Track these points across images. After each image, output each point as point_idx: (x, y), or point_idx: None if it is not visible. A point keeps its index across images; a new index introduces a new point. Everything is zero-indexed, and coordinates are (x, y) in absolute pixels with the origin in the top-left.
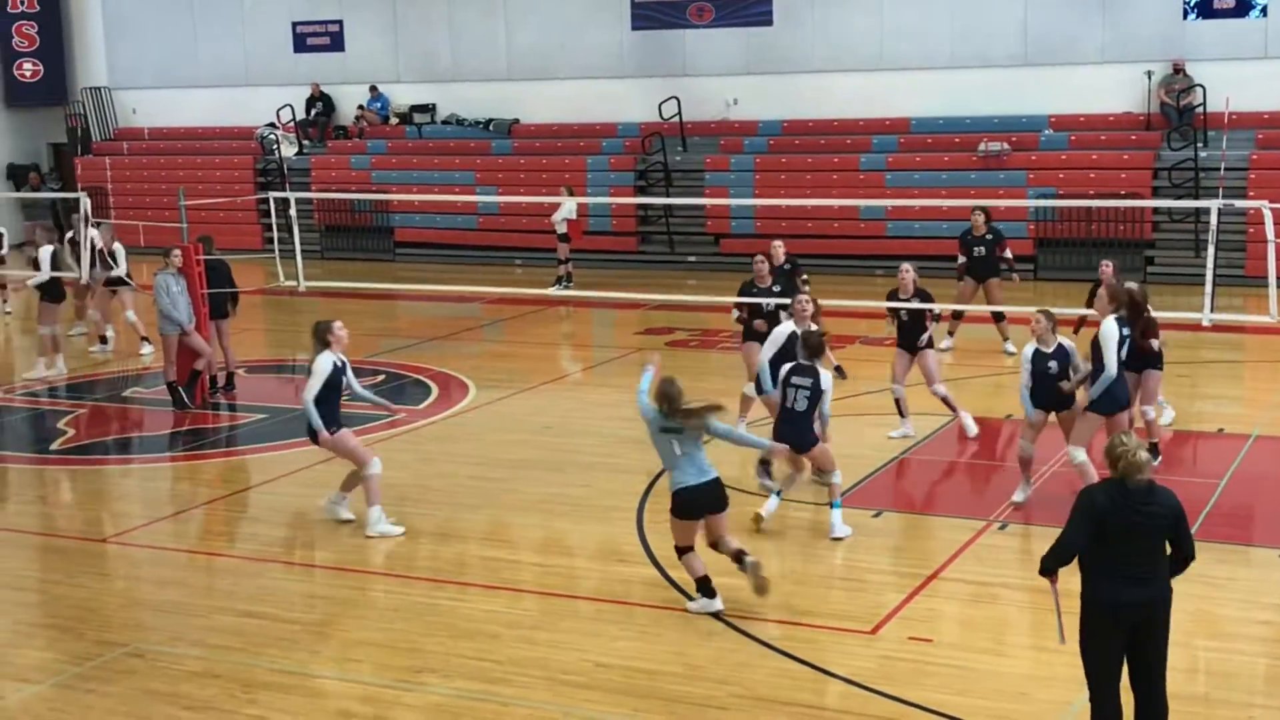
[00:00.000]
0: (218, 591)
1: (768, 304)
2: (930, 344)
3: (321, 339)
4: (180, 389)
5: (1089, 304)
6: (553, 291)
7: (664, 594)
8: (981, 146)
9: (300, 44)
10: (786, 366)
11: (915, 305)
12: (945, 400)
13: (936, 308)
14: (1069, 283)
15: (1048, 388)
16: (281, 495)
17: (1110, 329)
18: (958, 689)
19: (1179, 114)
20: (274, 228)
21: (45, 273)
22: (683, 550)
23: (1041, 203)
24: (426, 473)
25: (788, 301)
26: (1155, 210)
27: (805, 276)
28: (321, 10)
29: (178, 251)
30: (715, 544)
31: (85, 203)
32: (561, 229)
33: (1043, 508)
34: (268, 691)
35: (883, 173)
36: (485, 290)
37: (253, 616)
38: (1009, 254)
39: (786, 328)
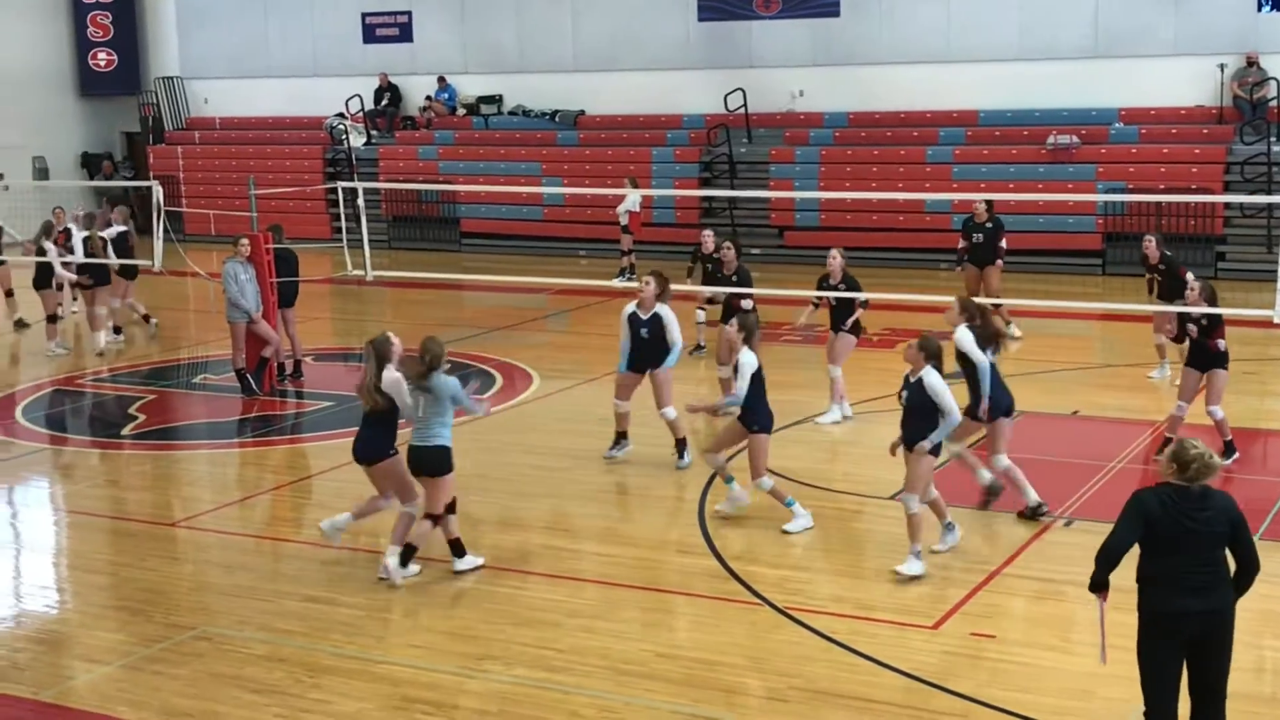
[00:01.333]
0: (284, 576)
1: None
2: (855, 329)
3: (385, 356)
4: (248, 376)
5: (1149, 292)
6: (616, 283)
7: (725, 586)
8: (1050, 139)
9: (369, 35)
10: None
11: (843, 294)
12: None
13: (862, 296)
14: (1137, 278)
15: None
16: (347, 482)
17: (961, 335)
18: (1020, 685)
19: (1252, 107)
20: (342, 217)
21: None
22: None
23: (1111, 197)
24: (489, 462)
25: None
26: (1227, 205)
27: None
28: (391, 1)
29: (246, 240)
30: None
31: (158, 191)
32: (624, 220)
33: (1112, 504)
34: (332, 676)
35: (949, 165)
36: (549, 281)
37: (318, 602)
38: (1003, 244)
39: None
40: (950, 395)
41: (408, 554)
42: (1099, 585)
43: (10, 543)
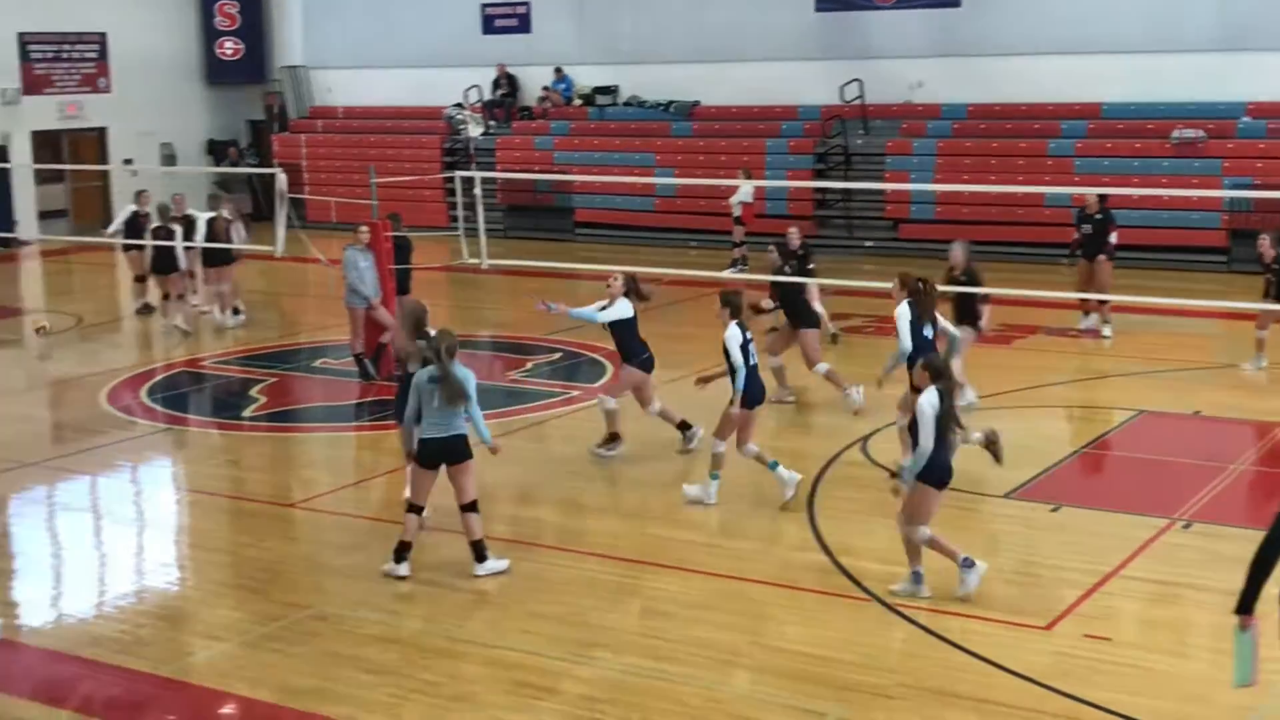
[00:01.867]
0: None
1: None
2: (974, 323)
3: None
4: (366, 361)
5: (1265, 295)
6: (727, 274)
7: (834, 580)
8: (1175, 133)
9: (488, 26)
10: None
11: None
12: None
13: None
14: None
15: None
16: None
17: (900, 311)
18: (1135, 689)
19: None
20: (459, 206)
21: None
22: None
23: (1237, 193)
24: (583, 451)
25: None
26: None
27: (813, 265)
28: None
29: (366, 228)
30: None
31: (281, 178)
32: (736, 212)
33: (1234, 508)
34: (444, 658)
35: (1071, 159)
36: (661, 271)
37: (432, 585)
38: (1113, 239)
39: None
40: None
41: (478, 551)
42: (1246, 607)
43: (133, 520)
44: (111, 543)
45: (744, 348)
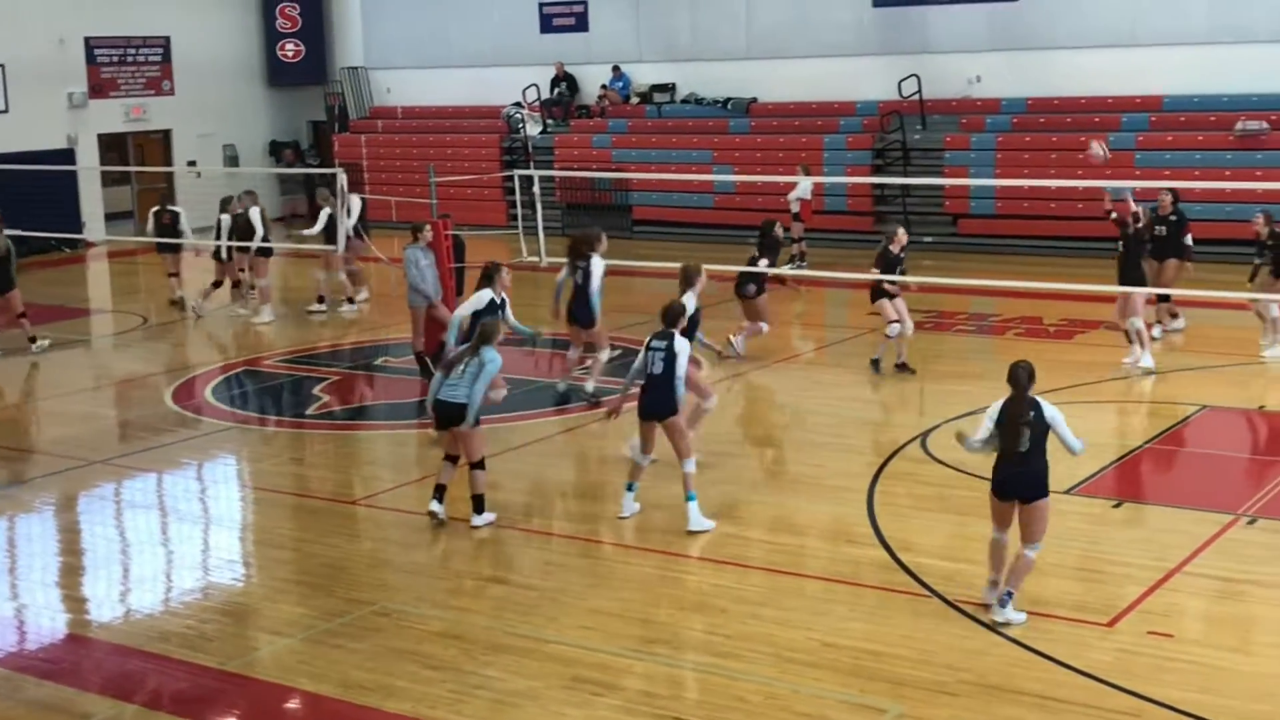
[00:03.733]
0: (460, 555)
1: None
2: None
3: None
4: (427, 359)
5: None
6: (787, 270)
7: (893, 576)
8: (1239, 125)
9: (546, 24)
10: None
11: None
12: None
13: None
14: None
15: None
16: (521, 464)
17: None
18: (1199, 687)
19: None
20: (518, 204)
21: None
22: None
23: None
24: (660, 448)
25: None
26: None
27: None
28: None
29: (428, 226)
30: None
31: (342, 178)
32: (794, 208)
33: None
34: (505, 654)
35: (1132, 152)
36: (720, 268)
37: (493, 581)
38: (1189, 239)
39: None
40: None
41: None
42: None
43: (199, 517)
44: (177, 539)
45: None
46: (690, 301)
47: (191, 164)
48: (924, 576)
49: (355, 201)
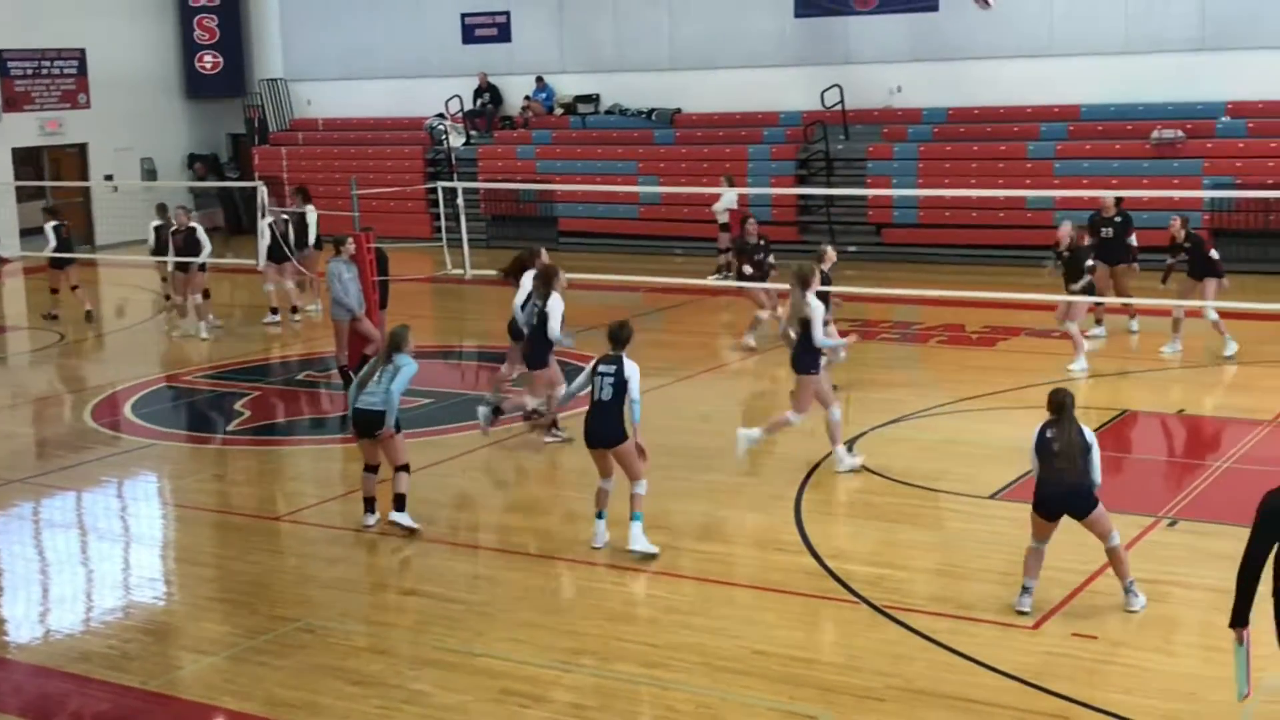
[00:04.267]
0: (385, 570)
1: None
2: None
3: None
4: (350, 372)
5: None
6: (712, 280)
7: (822, 583)
8: (1155, 134)
9: (469, 35)
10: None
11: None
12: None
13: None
14: (1245, 275)
15: None
16: (446, 477)
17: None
18: (1123, 687)
19: None
20: (442, 217)
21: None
22: (366, 467)
23: (1218, 193)
24: (589, 461)
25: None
26: None
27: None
28: (490, 2)
29: (350, 240)
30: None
31: (262, 191)
32: (722, 218)
33: (1219, 506)
34: (432, 669)
35: (1051, 161)
36: (645, 279)
37: (418, 595)
38: (1133, 241)
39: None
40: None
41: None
42: (1241, 618)
43: (119, 536)
44: (98, 558)
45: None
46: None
47: (108, 178)
48: (852, 583)
49: (312, 213)
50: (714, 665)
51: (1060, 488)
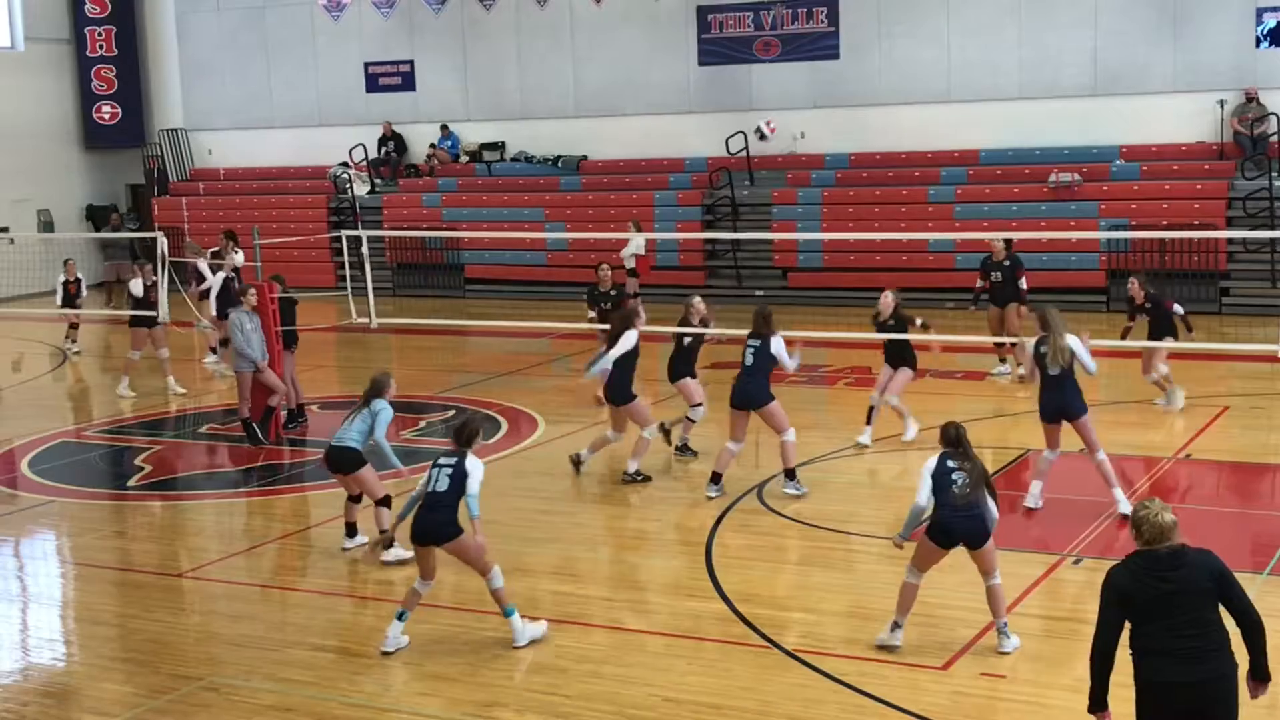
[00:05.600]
0: (291, 626)
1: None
2: (912, 362)
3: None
4: (254, 425)
5: (1122, 337)
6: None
7: (733, 629)
8: (1052, 178)
9: (372, 84)
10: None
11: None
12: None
13: (918, 337)
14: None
15: None
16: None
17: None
18: None
19: (1253, 143)
20: (346, 265)
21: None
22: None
23: (1113, 234)
24: (497, 507)
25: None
26: (1230, 241)
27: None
28: (393, 51)
29: (252, 290)
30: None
31: (162, 242)
32: (630, 264)
33: (1122, 542)
34: None
35: (951, 204)
36: (554, 326)
37: (325, 650)
38: (1023, 284)
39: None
40: None
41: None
42: (1099, 703)
43: (17, 596)
44: None
45: None
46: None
47: (3, 230)
48: (763, 627)
49: (239, 258)
50: (626, 714)
51: (960, 515)
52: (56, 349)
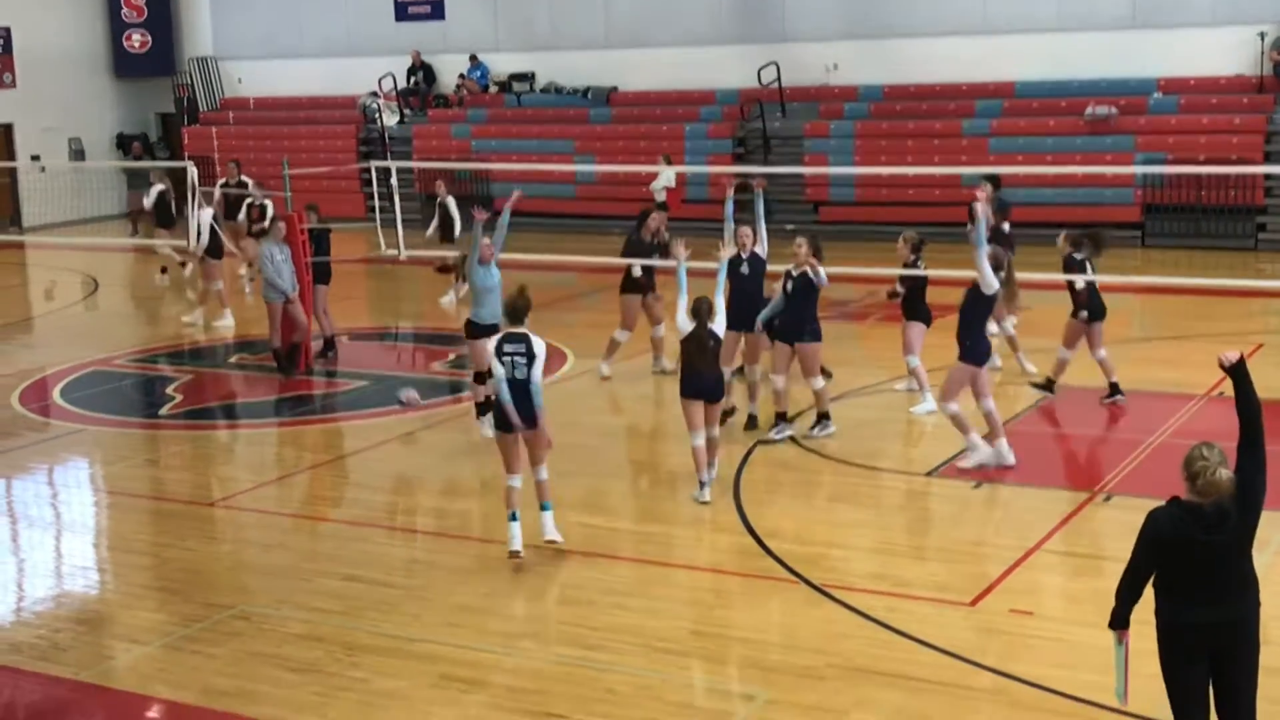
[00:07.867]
0: (321, 555)
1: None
2: (924, 316)
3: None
4: (285, 355)
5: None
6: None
7: (760, 563)
8: (1088, 111)
9: (401, 13)
10: (499, 335)
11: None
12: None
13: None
14: (1177, 250)
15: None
16: (382, 460)
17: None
18: (1059, 662)
19: None
20: (375, 196)
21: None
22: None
23: (1150, 169)
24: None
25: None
26: (1267, 176)
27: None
28: None
29: (281, 222)
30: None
31: (192, 172)
32: (660, 197)
33: (1153, 480)
34: (370, 655)
35: (986, 138)
36: (582, 259)
37: (355, 580)
38: (1006, 227)
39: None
40: None
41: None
42: (1121, 621)
43: (50, 523)
44: (28, 547)
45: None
46: None
47: (35, 159)
48: (790, 562)
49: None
50: (652, 646)
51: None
52: (89, 277)
